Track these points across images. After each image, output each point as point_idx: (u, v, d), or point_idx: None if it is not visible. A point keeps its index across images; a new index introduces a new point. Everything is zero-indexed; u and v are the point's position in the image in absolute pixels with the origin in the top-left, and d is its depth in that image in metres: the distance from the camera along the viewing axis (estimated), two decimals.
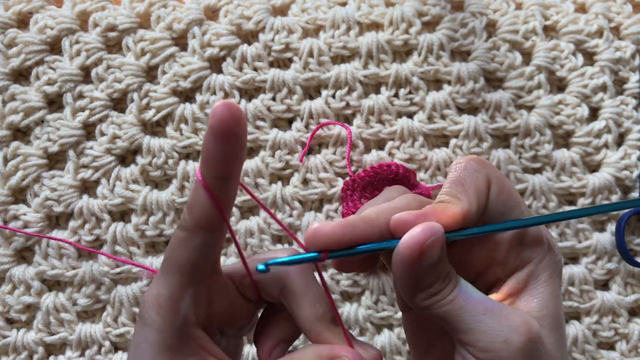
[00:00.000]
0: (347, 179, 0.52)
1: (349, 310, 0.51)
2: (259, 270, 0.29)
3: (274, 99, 0.53)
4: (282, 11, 0.54)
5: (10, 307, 0.51)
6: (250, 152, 0.53)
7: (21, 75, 0.53)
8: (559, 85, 0.54)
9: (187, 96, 0.53)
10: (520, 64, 0.53)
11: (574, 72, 0.53)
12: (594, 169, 0.54)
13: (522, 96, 0.53)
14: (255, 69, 0.53)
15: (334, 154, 0.52)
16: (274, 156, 0.52)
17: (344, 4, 0.54)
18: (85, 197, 0.52)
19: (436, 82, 0.54)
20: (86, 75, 0.53)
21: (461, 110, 0.54)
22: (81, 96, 0.52)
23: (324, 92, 0.53)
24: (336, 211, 0.52)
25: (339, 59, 0.54)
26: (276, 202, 0.52)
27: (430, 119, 0.53)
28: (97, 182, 0.52)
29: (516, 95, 0.53)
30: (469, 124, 0.52)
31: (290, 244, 0.52)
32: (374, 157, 0.52)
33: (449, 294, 0.28)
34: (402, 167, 0.51)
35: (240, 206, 0.52)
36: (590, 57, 0.54)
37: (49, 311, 0.51)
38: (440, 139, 0.54)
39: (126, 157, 0.53)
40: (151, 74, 0.53)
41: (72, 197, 0.51)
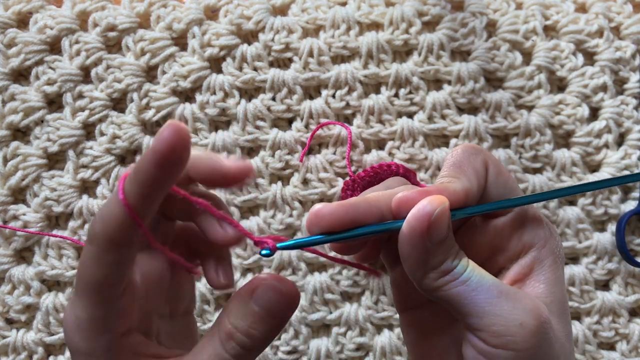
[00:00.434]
0: (347, 179, 0.52)
1: (349, 310, 0.51)
2: (262, 254, 0.28)
3: (274, 99, 0.53)
4: (282, 11, 0.54)
5: (9, 307, 0.51)
6: (250, 152, 0.53)
7: (21, 75, 0.53)
8: (559, 85, 0.54)
9: (187, 96, 0.53)
10: (520, 64, 0.53)
11: (574, 72, 0.53)
12: (594, 169, 0.53)
13: (522, 96, 0.53)
14: (255, 69, 0.53)
15: (334, 154, 0.52)
16: (274, 156, 0.52)
17: (344, 4, 0.54)
18: (85, 197, 0.52)
19: (436, 82, 0.54)
20: (86, 75, 0.53)
21: (461, 110, 0.53)
22: (81, 96, 0.52)
23: (324, 92, 0.53)
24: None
25: (339, 59, 0.53)
26: (276, 202, 0.52)
27: (430, 118, 0.53)
28: (96, 182, 0.52)
29: (516, 95, 0.53)
30: (469, 124, 0.52)
31: None
32: (374, 157, 0.52)
33: (461, 274, 0.27)
34: (402, 167, 0.50)
35: (240, 206, 0.52)
36: (590, 57, 0.54)
37: (48, 311, 0.51)
38: (440, 139, 0.53)
39: (126, 157, 0.53)
40: (151, 73, 0.53)
41: (71, 197, 0.51)
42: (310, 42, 0.52)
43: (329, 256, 0.30)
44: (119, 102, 0.53)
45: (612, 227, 0.52)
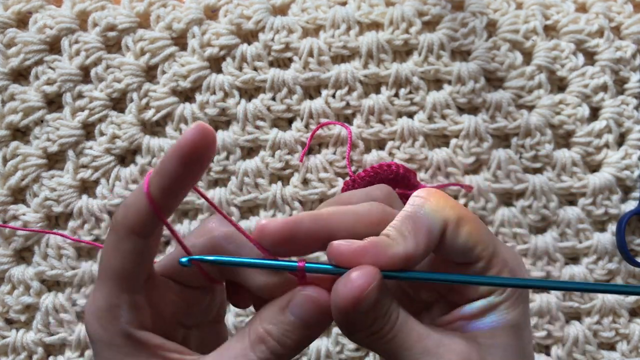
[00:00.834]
0: (347, 179, 0.52)
1: None
2: (181, 263, 0.28)
3: (273, 99, 0.53)
4: (282, 11, 0.54)
5: (9, 307, 0.51)
6: (250, 152, 0.53)
7: (20, 75, 0.53)
8: (559, 85, 0.54)
9: (186, 96, 0.53)
10: (520, 64, 0.53)
11: (574, 72, 0.53)
12: (595, 169, 0.53)
13: (522, 96, 0.53)
14: (255, 69, 0.53)
15: (334, 153, 0.52)
16: (274, 156, 0.52)
17: (344, 4, 0.54)
18: (84, 197, 0.52)
19: (436, 82, 0.54)
20: (85, 75, 0.52)
21: (461, 110, 0.53)
22: (80, 96, 0.52)
23: (324, 92, 0.53)
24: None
25: (339, 59, 0.53)
26: (276, 202, 0.52)
27: (430, 118, 0.53)
28: (96, 182, 0.52)
29: (517, 95, 0.53)
30: (470, 124, 0.52)
31: None
32: (374, 157, 0.52)
33: (388, 333, 0.27)
34: (403, 167, 0.50)
35: (240, 206, 0.52)
36: (590, 57, 0.54)
37: (48, 311, 0.51)
38: (440, 139, 0.53)
39: (126, 157, 0.53)
40: (151, 73, 0.53)
41: (71, 197, 0.51)
42: (310, 42, 0.52)
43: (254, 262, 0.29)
44: (118, 102, 0.53)
45: (612, 227, 0.52)
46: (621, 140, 0.54)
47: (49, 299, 0.51)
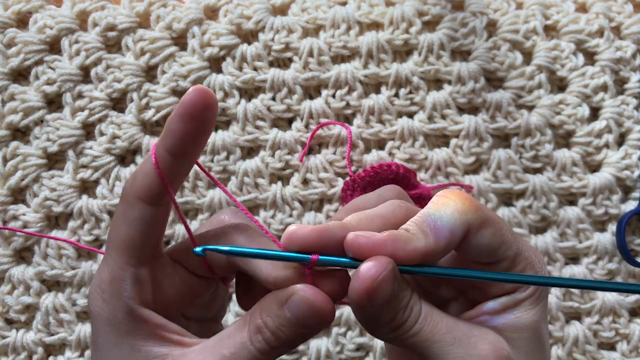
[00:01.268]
0: (347, 179, 0.52)
1: (349, 310, 0.51)
2: (195, 252, 0.28)
3: (274, 99, 0.53)
4: (282, 11, 0.54)
5: (9, 307, 0.51)
6: (250, 152, 0.53)
7: (20, 75, 0.53)
8: (559, 85, 0.54)
9: None
10: (520, 64, 0.53)
11: (574, 72, 0.53)
12: (595, 168, 0.53)
13: (522, 96, 0.53)
14: (255, 69, 0.53)
15: (334, 153, 0.52)
16: (274, 156, 0.52)
17: (344, 4, 0.54)
18: (84, 197, 0.52)
19: (436, 82, 0.54)
20: (85, 75, 0.52)
21: (462, 110, 0.53)
22: (80, 96, 0.52)
23: (324, 92, 0.53)
24: (336, 211, 0.52)
25: (339, 59, 0.53)
26: (276, 202, 0.52)
27: (430, 118, 0.53)
28: (96, 182, 0.52)
29: (517, 95, 0.53)
30: (470, 124, 0.52)
31: None
32: (374, 157, 0.52)
33: (413, 326, 0.27)
34: (403, 167, 0.50)
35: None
36: (590, 57, 0.54)
37: (48, 311, 0.51)
38: (440, 139, 0.53)
39: (126, 157, 0.53)
40: (151, 73, 0.53)
41: (71, 197, 0.51)
42: (310, 42, 0.52)
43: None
44: (118, 102, 0.53)
45: (612, 227, 0.52)
46: (621, 140, 0.54)
47: (49, 299, 0.51)
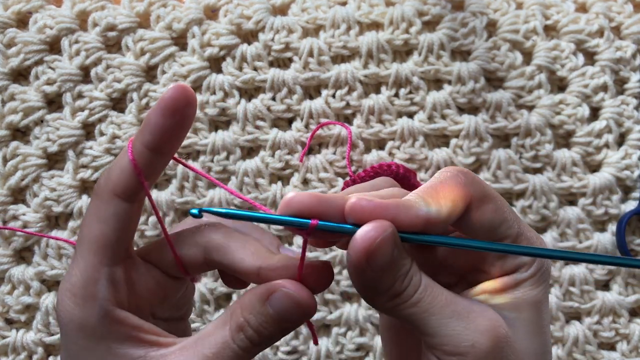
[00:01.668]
0: (347, 179, 0.52)
1: (349, 310, 0.51)
2: (191, 213, 0.28)
3: (273, 99, 0.53)
4: (282, 11, 0.54)
5: (9, 307, 0.51)
6: (250, 152, 0.53)
7: (20, 75, 0.53)
8: (559, 85, 0.54)
9: None
10: (520, 64, 0.53)
11: (574, 72, 0.53)
12: (595, 169, 0.53)
13: (522, 96, 0.53)
14: (255, 69, 0.53)
15: (334, 153, 0.52)
16: (274, 156, 0.52)
17: (344, 4, 0.54)
18: (84, 197, 0.52)
19: (436, 82, 0.54)
20: (85, 75, 0.52)
21: (462, 110, 0.53)
22: (80, 96, 0.52)
23: (324, 92, 0.53)
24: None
25: (339, 59, 0.53)
26: (276, 202, 0.52)
27: (430, 118, 0.53)
28: (96, 182, 0.52)
29: (517, 95, 0.53)
30: (470, 124, 0.52)
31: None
32: (374, 157, 0.52)
33: (412, 296, 0.27)
34: (402, 167, 0.50)
35: (239, 206, 0.52)
36: (590, 57, 0.54)
37: (48, 311, 0.51)
38: (440, 139, 0.53)
39: None
40: (151, 73, 0.53)
41: (71, 197, 0.51)
42: (310, 42, 0.52)
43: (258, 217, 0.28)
44: (118, 102, 0.53)
45: (612, 227, 0.52)
46: (621, 140, 0.54)
47: (49, 299, 0.51)
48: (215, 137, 0.52)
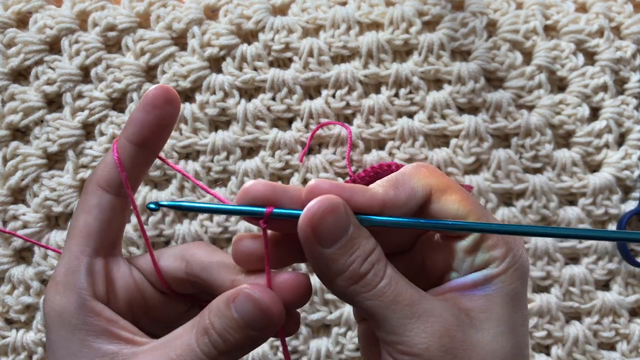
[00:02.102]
0: (347, 179, 0.52)
1: (349, 310, 0.51)
2: (149, 207, 0.29)
3: (273, 99, 0.53)
4: (282, 11, 0.54)
5: (9, 307, 0.51)
6: (250, 152, 0.53)
7: (20, 75, 0.53)
8: (559, 85, 0.54)
9: (186, 96, 0.53)
10: (520, 64, 0.53)
11: (574, 72, 0.53)
12: (595, 169, 0.53)
13: (522, 96, 0.53)
14: (255, 69, 0.53)
15: (334, 153, 0.52)
16: (274, 156, 0.52)
17: (344, 4, 0.54)
18: None
19: (436, 82, 0.54)
20: (85, 75, 0.52)
21: (462, 110, 0.53)
22: (80, 96, 0.52)
23: (324, 92, 0.53)
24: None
25: (339, 59, 0.53)
26: None
27: (430, 118, 0.53)
28: None
29: (517, 95, 0.53)
30: (470, 124, 0.52)
31: None
32: (374, 157, 0.52)
33: (375, 286, 0.26)
34: (403, 167, 0.50)
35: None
36: (590, 57, 0.54)
37: None
38: (440, 139, 0.53)
39: None
40: (151, 73, 0.53)
41: (71, 197, 0.51)
42: (310, 42, 0.52)
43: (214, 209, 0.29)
44: (118, 102, 0.53)
45: (612, 227, 0.52)
46: (621, 140, 0.54)
47: None
48: (215, 137, 0.52)
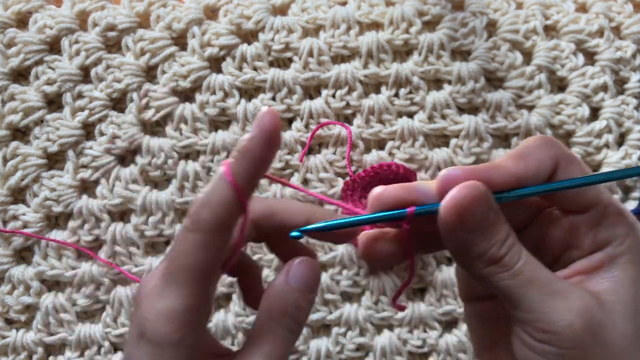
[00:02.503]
0: (347, 179, 0.52)
1: (349, 310, 0.51)
2: (291, 237, 0.29)
3: (273, 99, 0.53)
4: (282, 11, 0.54)
5: (9, 307, 0.51)
6: None
7: (20, 75, 0.53)
8: (559, 85, 0.54)
9: (186, 96, 0.53)
10: (520, 64, 0.53)
11: (574, 72, 0.53)
12: (595, 169, 0.53)
13: (522, 96, 0.53)
14: (255, 69, 0.53)
15: (334, 153, 0.52)
16: None
17: (344, 4, 0.54)
18: (84, 197, 0.52)
19: (436, 82, 0.54)
20: (85, 75, 0.52)
21: (462, 110, 0.53)
22: (80, 96, 0.52)
23: (324, 92, 0.53)
24: (336, 211, 0.52)
25: (339, 59, 0.53)
26: None
27: (430, 118, 0.53)
28: (96, 182, 0.52)
29: (517, 95, 0.53)
30: (470, 124, 0.52)
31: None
32: (374, 157, 0.52)
33: (512, 266, 0.27)
34: (403, 167, 0.50)
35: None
36: (590, 57, 0.54)
37: (48, 311, 0.51)
38: (440, 139, 0.53)
39: (126, 157, 0.53)
40: (151, 73, 0.53)
41: (71, 197, 0.51)
42: (310, 42, 0.52)
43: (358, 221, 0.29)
44: (118, 102, 0.53)
45: None
46: (621, 140, 0.54)
47: (49, 299, 0.51)
48: (215, 137, 0.52)
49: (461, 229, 0.26)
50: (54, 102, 0.53)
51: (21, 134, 0.53)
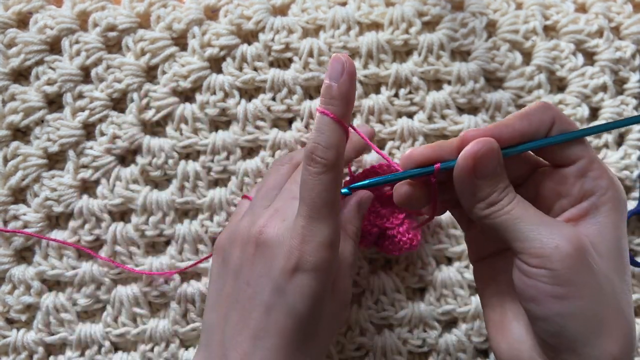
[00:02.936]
0: (347, 179, 0.52)
1: (349, 312, 0.51)
2: (343, 193, 0.37)
3: (274, 99, 0.53)
4: (282, 11, 0.54)
5: (10, 307, 0.51)
6: (250, 152, 0.53)
7: (21, 75, 0.53)
8: (559, 85, 0.54)
9: (187, 96, 0.53)
10: (520, 64, 0.53)
11: (574, 72, 0.53)
12: None
13: (522, 96, 0.53)
14: (255, 69, 0.53)
15: None
16: (274, 156, 0.52)
17: (344, 4, 0.54)
18: (85, 197, 0.52)
19: (436, 82, 0.54)
20: (86, 75, 0.53)
21: (461, 110, 0.54)
22: (81, 96, 0.52)
23: None
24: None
25: None
26: None
27: (430, 119, 0.53)
28: (97, 182, 0.52)
29: (516, 95, 0.53)
30: (469, 124, 0.52)
31: None
32: (374, 157, 0.52)
33: (506, 205, 0.32)
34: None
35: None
36: (590, 57, 0.54)
37: (48, 311, 0.51)
38: (440, 139, 0.53)
39: (126, 157, 0.53)
40: (151, 73, 0.53)
41: (72, 197, 0.51)
42: (310, 42, 0.52)
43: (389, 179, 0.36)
44: (119, 102, 0.53)
45: None
46: (621, 140, 0.54)
47: (50, 299, 0.51)
48: (215, 137, 0.52)
49: (474, 174, 0.32)
50: (54, 102, 0.53)
51: (22, 134, 0.53)
